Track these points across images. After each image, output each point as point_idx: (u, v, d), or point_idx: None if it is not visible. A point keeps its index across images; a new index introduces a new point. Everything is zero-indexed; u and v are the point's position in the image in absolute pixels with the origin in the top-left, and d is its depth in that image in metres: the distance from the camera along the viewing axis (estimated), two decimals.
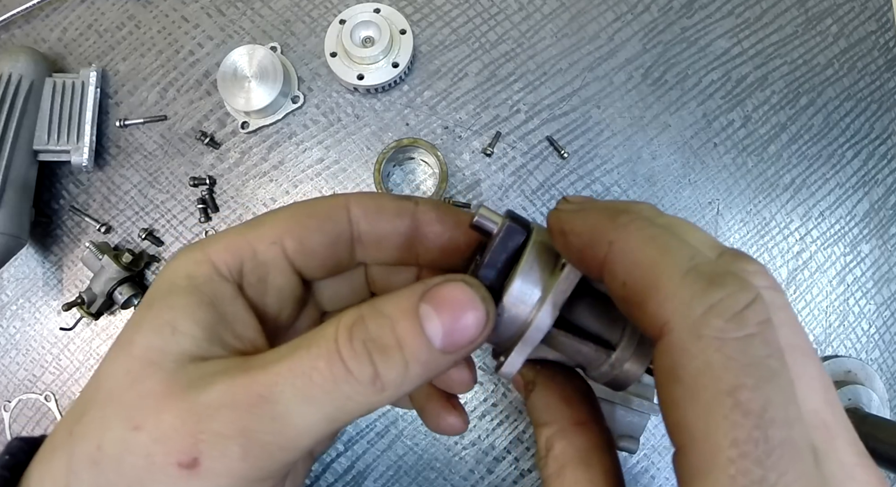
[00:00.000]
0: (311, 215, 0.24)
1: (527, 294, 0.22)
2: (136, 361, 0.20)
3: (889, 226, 0.54)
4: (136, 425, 0.19)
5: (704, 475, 0.16)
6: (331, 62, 0.49)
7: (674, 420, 0.17)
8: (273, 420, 0.19)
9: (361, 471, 0.48)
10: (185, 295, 0.22)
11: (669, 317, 0.17)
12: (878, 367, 0.53)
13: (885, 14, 0.55)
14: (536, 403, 0.25)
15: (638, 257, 0.18)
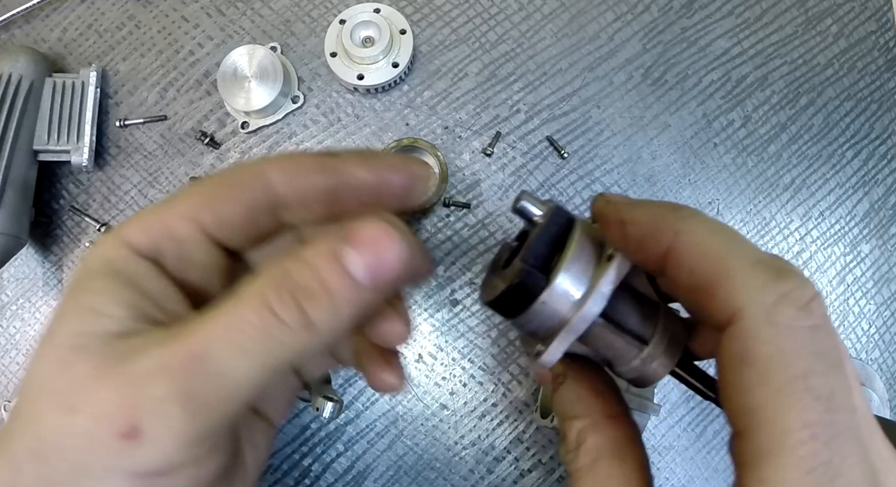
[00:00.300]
0: (225, 185, 0.24)
1: (574, 282, 0.22)
2: (63, 349, 0.20)
3: (889, 226, 0.54)
4: (71, 407, 0.19)
5: (773, 455, 0.16)
6: (331, 62, 0.49)
7: (740, 403, 0.17)
8: (210, 376, 0.19)
9: (361, 471, 0.48)
10: (103, 279, 0.22)
11: (742, 304, 0.17)
12: (878, 367, 0.53)
13: (885, 14, 0.55)
14: (567, 396, 0.25)
15: (707, 246, 0.19)
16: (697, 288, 0.19)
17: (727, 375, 0.18)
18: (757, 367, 0.17)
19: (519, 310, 0.23)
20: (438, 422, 0.49)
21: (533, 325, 0.23)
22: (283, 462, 0.48)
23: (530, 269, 0.23)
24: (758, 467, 0.17)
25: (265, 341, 0.20)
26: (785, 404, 0.16)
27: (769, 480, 0.16)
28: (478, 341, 0.49)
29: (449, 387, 0.49)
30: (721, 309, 0.18)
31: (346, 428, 0.48)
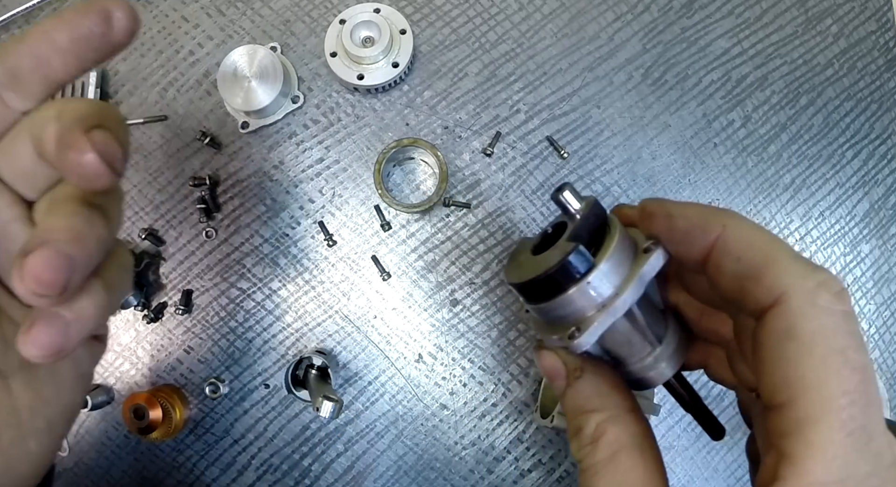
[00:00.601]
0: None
1: (616, 267, 0.24)
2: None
3: (889, 226, 0.54)
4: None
5: (817, 420, 0.18)
6: (331, 62, 0.49)
7: (785, 374, 0.19)
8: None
9: (361, 471, 0.48)
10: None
11: (787, 287, 0.19)
12: (878, 367, 0.53)
13: (885, 14, 0.55)
14: (585, 390, 0.25)
15: (754, 238, 0.21)
16: (744, 274, 0.21)
17: (769, 351, 0.20)
18: (802, 340, 0.19)
19: (557, 292, 0.24)
20: (438, 422, 0.49)
21: (567, 309, 0.24)
22: (283, 463, 0.48)
23: (581, 248, 0.24)
24: (803, 432, 0.18)
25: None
26: (828, 373, 0.18)
27: (816, 443, 0.18)
28: (478, 341, 0.49)
29: (449, 387, 0.49)
30: (767, 291, 0.20)
31: (346, 428, 0.48)
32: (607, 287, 0.23)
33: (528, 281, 0.25)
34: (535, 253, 0.26)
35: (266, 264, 0.50)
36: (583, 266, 0.23)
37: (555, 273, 0.24)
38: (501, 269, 0.50)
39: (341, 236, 0.50)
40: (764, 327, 0.20)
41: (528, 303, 0.26)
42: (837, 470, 0.18)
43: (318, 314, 0.49)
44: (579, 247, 0.23)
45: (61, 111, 0.20)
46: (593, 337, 0.23)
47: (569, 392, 0.26)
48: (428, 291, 0.50)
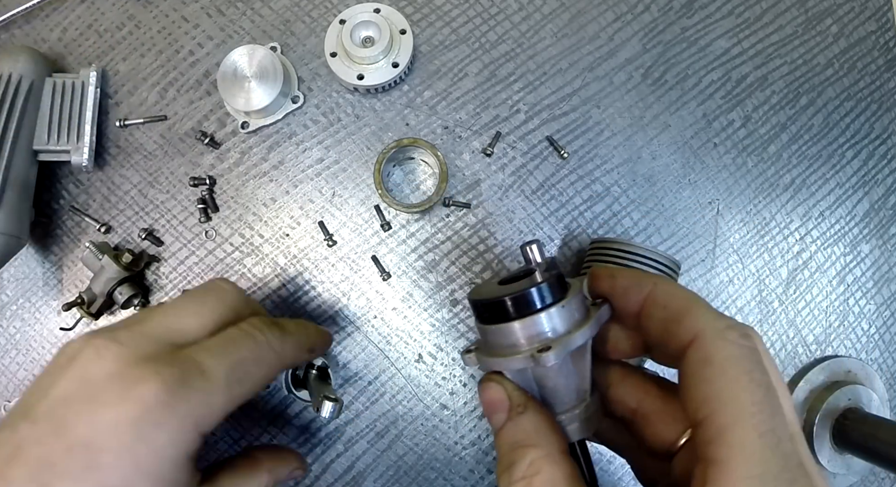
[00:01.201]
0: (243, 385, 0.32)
1: (577, 307, 0.28)
2: None
3: (889, 226, 0.54)
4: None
5: (734, 425, 0.22)
6: (331, 62, 0.49)
7: (703, 394, 0.23)
8: None
9: (361, 471, 0.48)
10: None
11: (703, 327, 0.24)
12: (878, 367, 0.53)
13: (885, 14, 0.55)
14: (526, 426, 0.27)
15: (677, 292, 0.27)
16: (669, 318, 0.26)
17: (691, 377, 0.24)
18: (715, 365, 0.23)
19: (527, 312, 0.27)
20: (438, 422, 0.49)
21: (531, 330, 0.27)
22: None
23: (559, 275, 0.28)
24: (723, 436, 0.22)
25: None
26: (738, 389, 0.23)
27: (735, 443, 0.21)
28: None
29: (449, 387, 0.49)
30: (687, 330, 0.25)
31: (346, 428, 0.48)
32: (567, 321, 0.27)
33: (503, 297, 0.27)
34: (501, 285, 0.30)
35: (266, 264, 0.50)
36: (553, 295, 0.27)
37: (531, 292, 0.27)
38: (502, 269, 0.50)
39: (341, 236, 0.50)
40: (686, 359, 0.25)
41: (488, 323, 0.28)
42: (755, 467, 0.21)
43: (319, 314, 0.49)
44: (553, 280, 0.27)
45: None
46: (564, 352, 0.26)
47: (509, 425, 0.27)
48: (428, 291, 0.50)
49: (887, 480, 0.53)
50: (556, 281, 0.27)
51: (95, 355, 0.27)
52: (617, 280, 0.28)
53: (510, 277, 0.30)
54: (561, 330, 0.26)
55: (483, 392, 0.28)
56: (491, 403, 0.28)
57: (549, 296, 0.27)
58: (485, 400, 0.28)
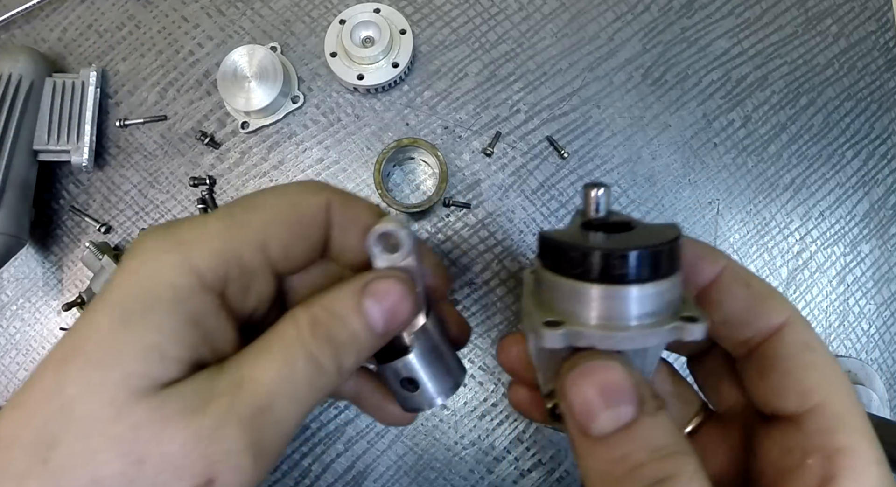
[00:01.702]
0: (297, 218, 0.24)
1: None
2: (118, 389, 0.20)
3: (889, 226, 0.54)
4: (138, 459, 0.19)
5: (852, 414, 0.21)
6: (331, 62, 0.49)
7: (813, 381, 0.22)
8: (274, 425, 0.21)
9: (361, 471, 0.48)
10: (171, 314, 0.21)
11: (793, 311, 0.23)
12: (878, 367, 0.53)
13: (885, 14, 0.55)
14: (670, 427, 0.22)
15: (752, 274, 0.25)
16: (756, 296, 0.24)
17: (790, 361, 0.22)
18: (818, 351, 0.22)
19: (674, 268, 0.21)
20: (438, 422, 0.49)
21: (667, 296, 0.21)
22: (283, 463, 0.48)
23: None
24: (846, 426, 0.21)
25: (312, 388, 0.22)
26: (843, 377, 0.22)
27: (858, 430, 0.21)
28: (478, 341, 0.49)
29: None
30: (778, 311, 0.23)
31: (346, 428, 0.48)
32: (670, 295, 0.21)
33: (664, 243, 0.20)
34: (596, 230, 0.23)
35: None
36: (676, 262, 0.21)
37: (678, 242, 0.21)
38: (501, 269, 0.50)
39: None
40: (783, 342, 0.23)
41: (622, 282, 0.20)
42: (878, 451, 0.21)
43: None
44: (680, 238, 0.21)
45: None
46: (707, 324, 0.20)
47: (648, 423, 0.20)
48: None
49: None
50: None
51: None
52: (685, 246, 0.23)
53: (609, 224, 0.23)
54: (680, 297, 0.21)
55: (591, 373, 0.20)
56: (607, 390, 0.20)
57: (680, 254, 0.21)
58: (596, 385, 0.20)
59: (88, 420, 0.20)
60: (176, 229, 0.22)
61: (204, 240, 0.22)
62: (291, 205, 0.24)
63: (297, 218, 0.24)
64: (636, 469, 0.19)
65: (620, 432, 0.19)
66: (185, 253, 0.21)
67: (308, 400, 0.22)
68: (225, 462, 0.20)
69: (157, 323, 0.20)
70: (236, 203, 0.24)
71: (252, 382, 0.21)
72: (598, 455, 0.20)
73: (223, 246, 0.22)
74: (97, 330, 0.20)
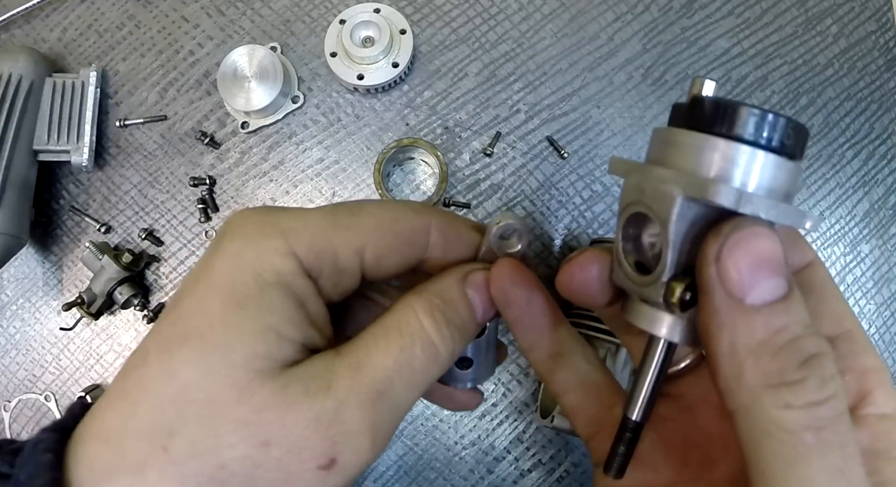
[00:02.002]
0: (396, 233, 0.24)
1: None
2: (240, 371, 0.20)
3: (889, 226, 0.54)
4: (264, 441, 0.20)
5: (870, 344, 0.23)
6: (331, 62, 0.49)
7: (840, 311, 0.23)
8: (390, 409, 0.22)
9: None
10: (280, 295, 0.21)
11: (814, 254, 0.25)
12: None
13: (885, 14, 0.55)
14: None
15: None
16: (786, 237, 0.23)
17: (817, 292, 0.23)
18: (833, 287, 0.24)
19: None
20: (438, 422, 0.49)
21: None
22: None
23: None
24: (869, 351, 0.23)
25: (426, 374, 0.23)
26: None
27: (875, 354, 0.23)
28: None
29: None
30: (808, 250, 0.24)
31: None
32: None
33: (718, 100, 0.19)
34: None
35: None
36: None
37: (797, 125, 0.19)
38: None
39: None
40: (816, 273, 0.24)
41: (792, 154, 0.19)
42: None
43: None
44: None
45: None
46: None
47: (799, 299, 0.20)
48: None
49: None
50: None
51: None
52: None
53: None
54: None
55: (757, 239, 0.19)
56: (770, 260, 0.19)
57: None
58: (762, 253, 0.19)
59: (210, 404, 0.19)
60: (277, 216, 0.23)
61: (306, 231, 0.22)
62: (393, 220, 0.25)
63: (397, 232, 0.25)
64: (795, 341, 0.19)
65: (778, 303, 0.19)
66: (285, 239, 0.22)
67: (422, 384, 0.23)
68: (346, 442, 0.20)
69: (270, 305, 0.21)
70: (341, 204, 0.25)
71: (371, 366, 0.21)
72: (755, 325, 0.19)
73: (323, 242, 0.23)
74: (208, 313, 0.20)
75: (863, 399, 0.22)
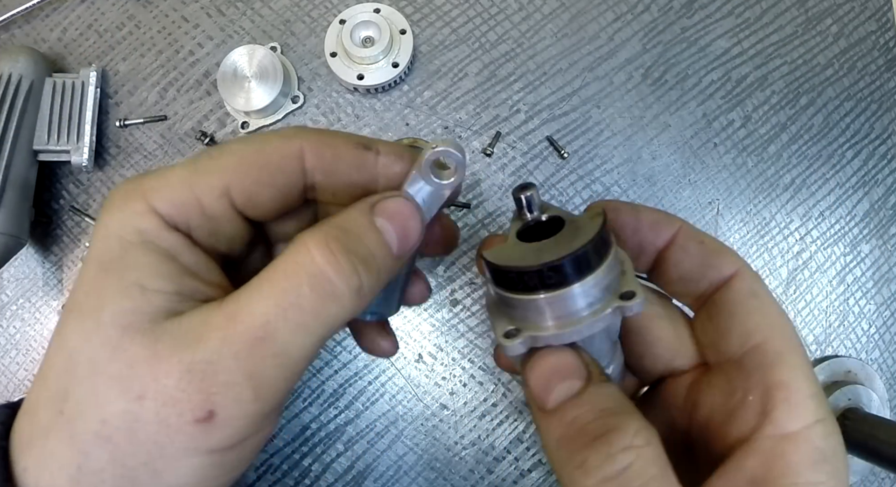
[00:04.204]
0: (261, 165, 0.23)
1: (618, 251, 0.25)
2: (110, 329, 0.20)
3: (889, 226, 0.54)
4: (138, 395, 0.20)
5: (790, 352, 0.23)
6: (331, 62, 0.49)
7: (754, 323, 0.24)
8: (274, 356, 0.20)
9: (361, 471, 0.48)
10: (142, 252, 0.21)
11: (741, 264, 0.26)
12: (878, 367, 0.53)
13: (885, 14, 0.55)
14: (616, 393, 0.24)
15: (703, 233, 0.27)
16: (709, 252, 0.25)
17: (738, 306, 0.24)
18: (761, 297, 0.24)
19: (601, 261, 0.23)
20: (438, 422, 0.49)
21: (601, 284, 0.23)
22: (283, 462, 0.48)
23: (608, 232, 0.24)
24: (783, 363, 0.22)
25: (321, 314, 0.21)
26: (784, 319, 0.24)
27: (794, 366, 0.22)
28: (478, 341, 0.49)
29: (449, 387, 0.49)
30: (730, 264, 0.25)
31: (346, 428, 0.48)
32: (620, 264, 0.24)
33: (580, 250, 0.22)
34: (526, 242, 0.25)
35: None
36: (608, 251, 0.23)
37: (604, 235, 0.23)
38: None
39: None
40: (731, 289, 0.25)
41: (555, 287, 0.22)
42: (812, 385, 0.22)
43: None
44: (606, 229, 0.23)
45: None
46: (596, 328, 0.22)
47: (592, 391, 0.22)
48: None
49: (887, 480, 0.53)
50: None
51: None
52: (642, 213, 0.26)
53: (540, 224, 0.26)
54: (619, 274, 0.23)
55: (543, 360, 0.23)
56: (557, 371, 0.22)
57: (609, 240, 0.23)
58: (548, 368, 0.22)
59: (89, 364, 0.20)
60: (140, 180, 0.23)
61: (165, 187, 0.22)
62: (256, 152, 0.23)
63: (261, 164, 0.23)
64: (584, 427, 0.21)
65: (571, 400, 0.22)
66: (147, 200, 0.22)
67: (318, 327, 0.21)
68: (224, 394, 0.20)
69: (131, 263, 0.21)
70: (205, 151, 0.24)
71: (248, 314, 0.20)
72: (553, 425, 0.22)
73: (184, 193, 0.22)
74: (83, 282, 0.21)
75: (764, 419, 0.22)
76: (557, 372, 0.22)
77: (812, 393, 0.22)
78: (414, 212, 0.24)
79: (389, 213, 0.23)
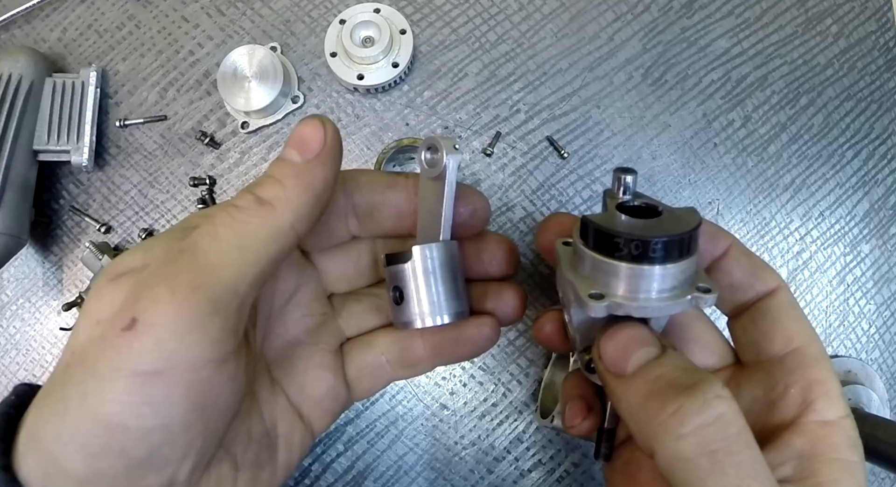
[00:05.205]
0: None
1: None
2: (104, 278, 0.25)
3: (889, 226, 0.54)
4: (97, 320, 0.23)
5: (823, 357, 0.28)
6: (331, 62, 0.49)
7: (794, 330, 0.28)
8: (197, 267, 0.23)
9: (361, 471, 0.48)
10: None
11: (780, 279, 0.30)
12: (878, 367, 0.53)
13: (885, 14, 0.55)
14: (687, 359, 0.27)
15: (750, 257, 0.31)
16: (757, 266, 0.29)
17: (782, 313, 0.28)
18: (798, 309, 0.29)
19: (691, 250, 0.25)
20: (438, 422, 0.49)
21: (688, 271, 0.25)
22: None
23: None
24: (819, 365, 0.27)
25: (235, 228, 0.24)
26: (814, 331, 0.28)
27: (828, 368, 0.27)
28: None
29: (449, 387, 0.49)
30: (774, 278, 0.29)
31: (346, 428, 0.48)
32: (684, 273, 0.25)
33: (689, 230, 0.24)
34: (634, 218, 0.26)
35: None
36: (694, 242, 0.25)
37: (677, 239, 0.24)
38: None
39: None
40: (775, 299, 0.28)
41: (659, 262, 0.24)
42: (840, 386, 0.27)
43: None
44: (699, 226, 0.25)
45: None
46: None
47: (671, 355, 0.24)
48: None
49: (887, 480, 0.53)
50: None
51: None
52: (702, 224, 0.28)
53: (639, 208, 0.27)
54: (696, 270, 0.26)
55: (621, 330, 0.25)
56: (635, 339, 0.25)
57: (691, 242, 0.25)
58: (626, 337, 0.25)
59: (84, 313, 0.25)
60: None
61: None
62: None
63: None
64: (673, 380, 0.23)
65: (652, 362, 0.24)
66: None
67: (234, 237, 0.23)
68: (144, 298, 0.22)
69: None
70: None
71: (186, 240, 0.24)
72: (637, 384, 0.24)
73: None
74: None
75: (806, 408, 0.26)
76: (636, 340, 0.25)
77: (842, 393, 0.26)
78: (311, 122, 0.25)
79: (292, 137, 0.26)
